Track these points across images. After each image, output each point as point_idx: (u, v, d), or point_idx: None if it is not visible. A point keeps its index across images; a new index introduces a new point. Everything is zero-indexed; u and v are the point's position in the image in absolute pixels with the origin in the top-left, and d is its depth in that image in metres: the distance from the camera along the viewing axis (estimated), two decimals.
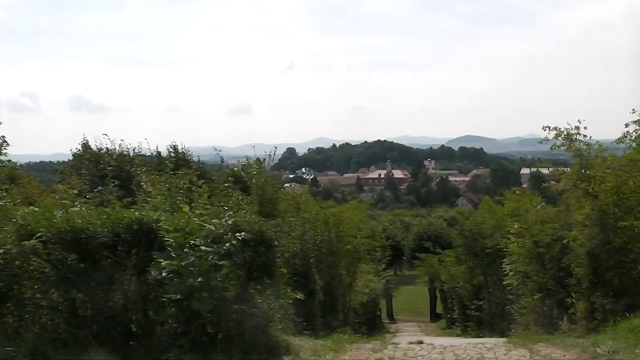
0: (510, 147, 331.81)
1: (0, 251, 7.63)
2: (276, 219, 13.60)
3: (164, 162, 19.28)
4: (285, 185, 24.69)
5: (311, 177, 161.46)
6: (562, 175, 13.86)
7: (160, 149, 23.45)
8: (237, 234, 7.78)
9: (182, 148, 23.71)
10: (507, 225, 18.64)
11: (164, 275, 7.48)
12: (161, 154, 23.17)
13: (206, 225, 7.80)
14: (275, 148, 17.57)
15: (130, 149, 21.01)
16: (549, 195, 20.44)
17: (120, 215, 7.95)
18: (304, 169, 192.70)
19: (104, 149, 20.53)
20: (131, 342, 7.75)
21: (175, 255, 7.47)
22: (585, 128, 12.89)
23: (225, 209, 10.15)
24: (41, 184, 17.89)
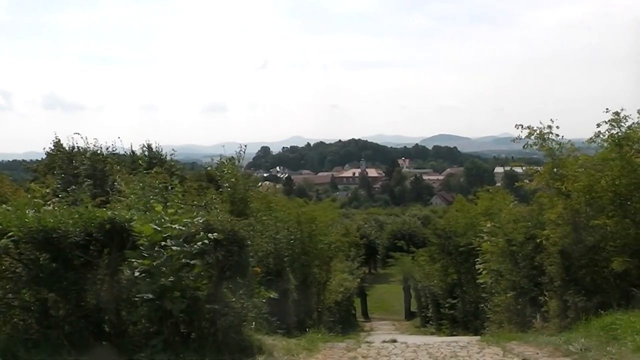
0: (484, 146, 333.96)
1: None
2: (249, 218, 13.53)
3: (137, 161, 19.13)
4: (259, 184, 24.55)
5: (285, 176, 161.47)
6: (535, 174, 13.92)
7: (134, 148, 23.41)
8: (210, 233, 7.74)
9: (156, 147, 23.66)
10: (481, 223, 18.70)
11: (136, 274, 7.43)
12: (135, 152, 23.08)
13: (176, 226, 7.74)
14: (245, 146, 17.32)
15: (104, 148, 20.88)
16: (522, 194, 20.54)
17: (92, 214, 7.87)
18: (278, 168, 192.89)
19: (77, 148, 20.36)
20: (104, 342, 7.67)
21: (147, 255, 7.42)
22: (557, 127, 12.96)
23: (197, 208, 10.08)
24: (14, 183, 17.71)
